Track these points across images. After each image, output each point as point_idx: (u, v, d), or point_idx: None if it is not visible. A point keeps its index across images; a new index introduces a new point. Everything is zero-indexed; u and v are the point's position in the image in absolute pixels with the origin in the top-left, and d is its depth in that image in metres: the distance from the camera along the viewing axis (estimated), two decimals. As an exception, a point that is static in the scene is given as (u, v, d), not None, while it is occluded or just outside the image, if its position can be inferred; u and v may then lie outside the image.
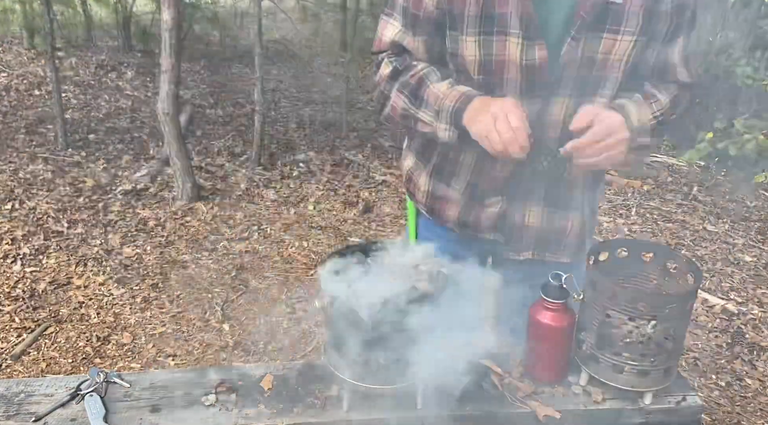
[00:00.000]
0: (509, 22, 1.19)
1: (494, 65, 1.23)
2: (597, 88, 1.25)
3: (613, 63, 1.22)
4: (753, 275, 3.78)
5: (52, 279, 3.53)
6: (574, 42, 1.18)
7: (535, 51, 1.19)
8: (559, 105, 1.25)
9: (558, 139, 1.28)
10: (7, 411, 1.27)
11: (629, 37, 1.19)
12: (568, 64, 1.21)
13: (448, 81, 1.29)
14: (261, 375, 1.37)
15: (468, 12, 1.20)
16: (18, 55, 7.77)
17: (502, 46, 1.21)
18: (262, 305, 3.46)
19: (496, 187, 1.38)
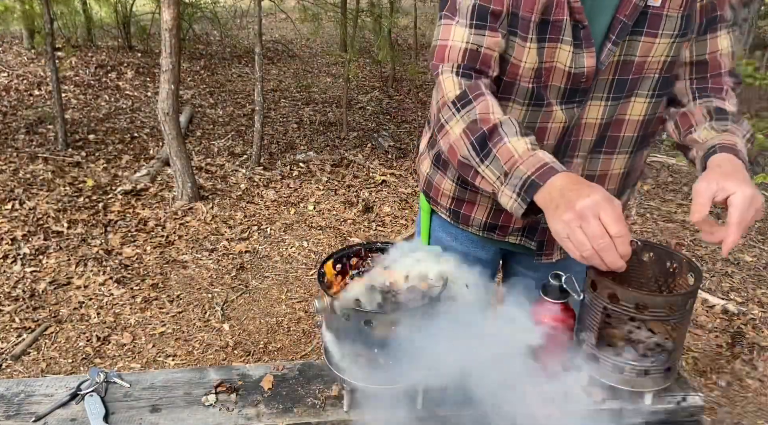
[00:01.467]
0: (563, 30, 1.18)
1: (544, 72, 1.22)
2: (634, 90, 1.25)
3: (651, 65, 1.22)
4: (753, 275, 3.78)
5: (52, 279, 3.53)
6: (614, 46, 1.18)
7: (583, 59, 1.19)
8: (596, 108, 1.25)
9: (594, 141, 1.28)
10: (7, 411, 1.27)
11: (667, 40, 1.19)
12: (608, 67, 1.21)
13: (529, 139, 1.09)
14: (261, 375, 1.37)
15: (534, 17, 1.16)
16: (18, 55, 7.77)
17: (552, 52, 1.19)
18: (261, 305, 3.46)
19: None
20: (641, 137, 1.32)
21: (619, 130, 1.29)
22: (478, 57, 1.18)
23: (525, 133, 1.10)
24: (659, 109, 1.30)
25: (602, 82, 1.22)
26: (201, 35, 10.00)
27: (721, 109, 1.23)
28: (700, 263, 3.86)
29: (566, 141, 1.28)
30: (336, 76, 8.69)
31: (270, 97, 7.48)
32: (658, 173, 5.28)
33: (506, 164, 1.07)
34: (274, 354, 3.07)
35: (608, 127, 1.29)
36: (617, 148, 1.32)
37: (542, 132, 1.27)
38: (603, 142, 1.30)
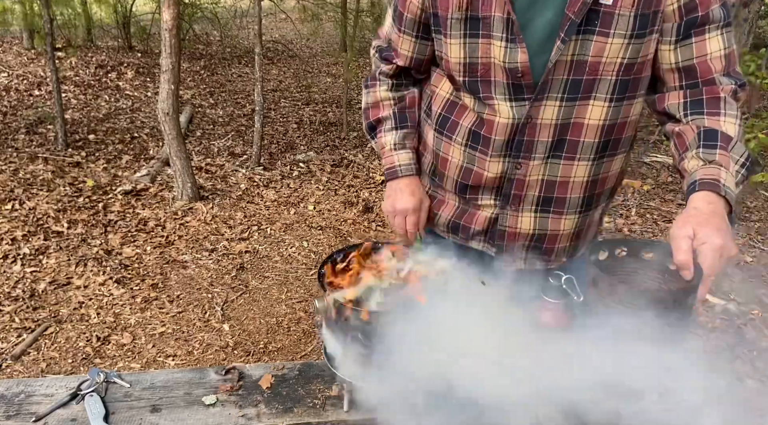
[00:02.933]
0: (492, 26, 1.20)
1: (480, 67, 1.24)
2: (591, 92, 1.22)
3: (606, 67, 1.19)
4: (753, 275, 3.78)
5: (52, 279, 3.53)
6: (563, 44, 1.16)
7: (517, 54, 1.19)
8: (550, 108, 1.23)
9: (550, 143, 1.27)
10: (7, 411, 1.27)
11: (620, 40, 1.17)
12: (557, 66, 1.19)
13: (395, 136, 1.45)
14: (261, 375, 1.37)
15: (452, 15, 1.23)
16: (18, 55, 7.77)
17: (486, 48, 1.22)
18: (261, 305, 3.46)
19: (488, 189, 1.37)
20: (604, 143, 1.28)
21: (579, 135, 1.26)
22: (389, 47, 1.45)
23: (399, 126, 1.46)
24: (622, 114, 1.26)
25: (557, 82, 1.21)
26: (201, 35, 10.00)
27: (712, 132, 1.15)
28: (700, 263, 3.87)
29: (518, 139, 1.27)
30: (336, 76, 8.69)
31: (270, 97, 7.48)
32: (658, 173, 5.28)
33: (381, 150, 1.49)
34: (274, 354, 3.07)
35: (566, 130, 1.26)
36: (578, 154, 1.28)
37: (489, 124, 1.28)
38: (562, 146, 1.27)
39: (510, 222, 1.37)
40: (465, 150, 1.34)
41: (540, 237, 1.38)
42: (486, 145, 1.30)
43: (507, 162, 1.30)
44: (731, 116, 1.18)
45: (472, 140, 1.32)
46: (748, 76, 4.44)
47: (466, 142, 1.33)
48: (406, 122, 1.46)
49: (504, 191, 1.34)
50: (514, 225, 1.37)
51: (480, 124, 1.30)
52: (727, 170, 1.10)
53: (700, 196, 1.06)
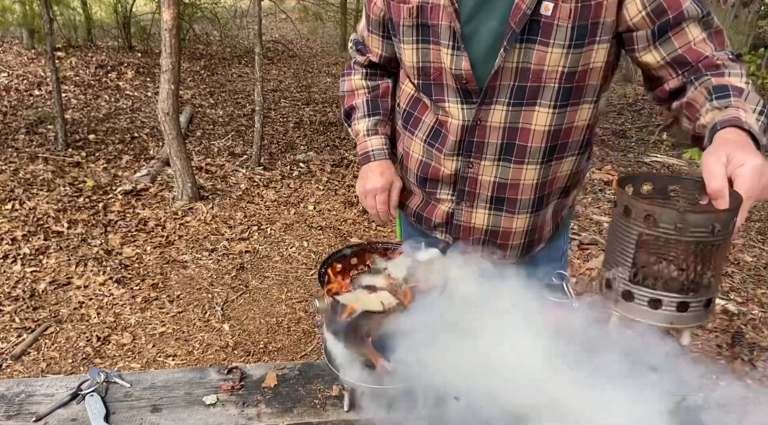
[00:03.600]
0: (440, 33, 1.27)
1: (432, 71, 1.33)
2: (535, 98, 1.27)
3: (549, 74, 1.24)
4: (753, 275, 3.78)
5: (52, 279, 3.53)
6: (505, 52, 1.22)
7: (462, 62, 1.26)
8: (499, 112, 1.30)
9: (499, 145, 1.33)
10: (7, 411, 1.27)
11: (560, 50, 1.21)
12: (502, 72, 1.25)
13: (367, 123, 1.53)
14: (261, 375, 1.37)
15: (403, 22, 1.31)
16: (18, 55, 7.77)
17: (437, 54, 1.30)
18: (261, 305, 3.46)
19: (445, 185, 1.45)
20: (551, 148, 1.33)
21: (526, 140, 1.31)
22: (363, 43, 1.54)
23: (371, 114, 1.53)
24: (567, 120, 1.30)
25: (504, 88, 1.26)
26: (201, 35, 10.00)
27: (721, 86, 1.12)
28: (700, 263, 3.87)
29: (469, 140, 1.34)
30: (336, 76, 8.69)
31: (270, 97, 7.48)
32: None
33: (356, 137, 1.56)
34: (274, 354, 3.07)
35: (514, 134, 1.31)
36: (526, 159, 1.33)
37: (443, 125, 1.37)
38: (512, 150, 1.33)
39: (465, 217, 1.44)
40: (424, 146, 1.43)
41: (494, 233, 1.45)
42: (443, 143, 1.39)
43: (460, 161, 1.38)
44: (736, 74, 1.15)
45: (432, 137, 1.41)
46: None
47: (425, 139, 1.42)
48: (378, 110, 1.54)
49: (458, 187, 1.42)
50: (469, 220, 1.44)
51: (440, 124, 1.39)
52: (746, 112, 1.04)
53: (727, 130, 1.00)
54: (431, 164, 1.43)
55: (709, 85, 1.14)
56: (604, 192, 4.98)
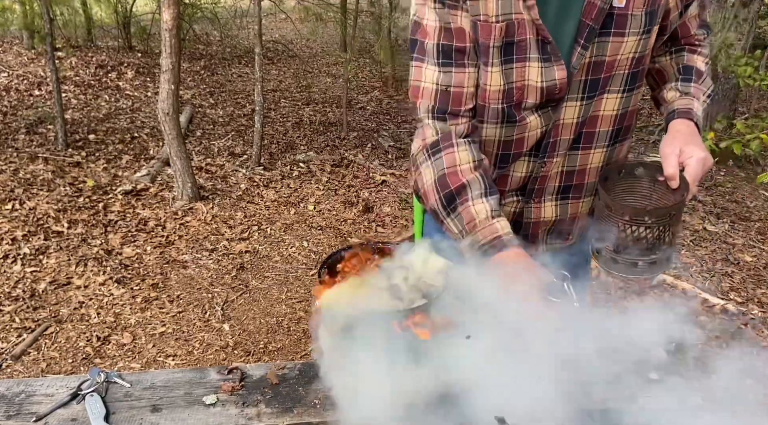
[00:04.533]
0: (529, 48, 1.22)
1: (516, 91, 1.26)
2: (606, 87, 1.28)
3: (621, 63, 1.25)
4: (753, 275, 3.78)
5: (52, 279, 3.53)
6: (583, 50, 1.21)
7: (554, 72, 1.22)
8: (571, 109, 1.29)
9: (572, 141, 1.33)
10: (7, 411, 1.27)
11: (634, 38, 1.22)
12: (579, 70, 1.24)
13: (492, 203, 1.21)
14: (261, 375, 1.37)
15: (493, 43, 1.21)
16: (18, 55, 7.77)
17: (521, 72, 1.24)
18: (261, 305, 3.46)
19: (513, 188, 1.42)
20: (617, 131, 1.36)
21: (595, 126, 1.33)
22: (448, 97, 1.26)
23: (490, 192, 1.23)
24: (632, 103, 1.34)
25: (576, 84, 1.26)
26: (201, 35, 10.00)
27: (688, 67, 1.37)
28: (700, 263, 3.86)
29: (545, 143, 1.32)
30: (336, 76, 8.69)
31: (270, 97, 7.49)
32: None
33: (468, 225, 1.21)
34: (274, 354, 3.07)
35: (584, 125, 1.32)
36: (594, 144, 1.35)
37: (520, 142, 1.32)
38: (580, 138, 1.34)
39: (534, 213, 1.43)
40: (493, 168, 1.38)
41: (560, 221, 1.45)
42: (515, 158, 1.35)
43: (533, 164, 1.36)
44: (703, 55, 1.38)
45: (500, 162, 1.36)
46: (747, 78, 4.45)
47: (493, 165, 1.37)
48: (494, 188, 1.25)
49: (528, 187, 1.40)
50: (538, 215, 1.43)
51: (507, 147, 1.34)
52: (698, 100, 1.33)
53: (680, 122, 1.29)
54: (497, 178, 1.38)
55: (681, 61, 1.39)
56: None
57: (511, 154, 1.35)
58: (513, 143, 1.33)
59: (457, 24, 1.23)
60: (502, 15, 1.19)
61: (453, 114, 1.27)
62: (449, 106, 1.27)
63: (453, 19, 1.23)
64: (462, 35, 1.23)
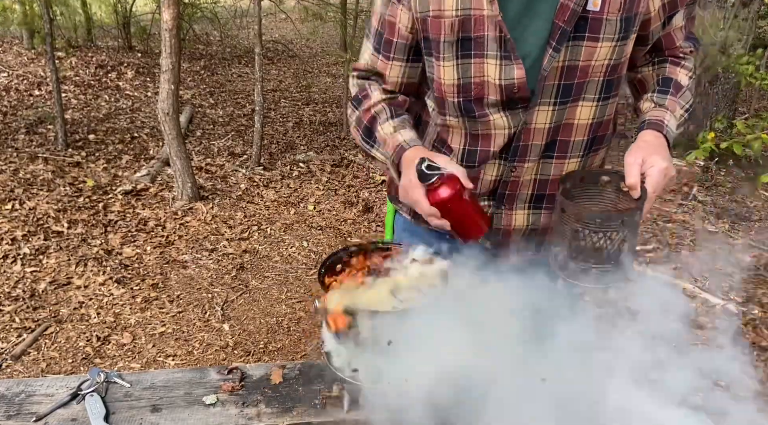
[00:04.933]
0: (486, 45, 1.21)
1: (474, 86, 1.26)
2: (581, 94, 1.27)
3: (595, 69, 1.24)
4: (753, 275, 3.78)
5: (52, 279, 3.53)
6: (555, 52, 1.19)
7: (513, 70, 1.22)
8: (544, 113, 1.27)
9: (544, 145, 1.31)
10: (7, 411, 1.27)
11: (609, 43, 1.21)
12: (549, 73, 1.22)
13: (393, 123, 1.33)
14: (261, 375, 1.37)
15: (444, 38, 1.23)
16: (18, 55, 7.77)
17: (479, 67, 1.23)
18: (261, 305, 3.46)
19: (484, 193, 1.40)
20: (591, 140, 1.35)
21: (569, 135, 1.31)
22: (374, 69, 1.39)
23: (396, 114, 1.34)
24: (607, 112, 1.32)
25: (549, 88, 1.24)
26: (201, 35, 10.00)
27: (668, 79, 1.34)
28: (701, 263, 3.86)
29: (514, 146, 1.30)
30: (336, 76, 8.69)
31: (270, 97, 7.49)
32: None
33: (383, 147, 1.34)
34: (274, 354, 3.07)
35: (557, 132, 1.30)
36: (569, 153, 1.33)
37: (486, 139, 1.32)
38: (554, 146, 1.32)
39: (505, 221, 1.41)
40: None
41: (533, 231, 1.43)
42: (483, 158, 1.34)
43: (503, 165, 1.34)
44: (687, 68, 1.35)
45: (467, 159, 1.35)
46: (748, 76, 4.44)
47: (460, 162, 1.35)
48: (402, 112, 1.36)
49: (499, 192, 1.38)
50: (509, 223, 1.41)
51: (474, 142, 1.33)
52: (672, 113, 1.30)
53: (648, 132, 1.27)
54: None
55: (662, 72, 1.36)
56: (604, 192, 4.98)
57: (478, 151, 1.33)
58: (479, 139, 1.32)
59: (393, 18, 1.28)
60: (460, 9, 1.19)
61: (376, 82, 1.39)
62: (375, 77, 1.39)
63: (392, 10, 1.28)
64: (392, 29, 1.30)
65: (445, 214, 1.19)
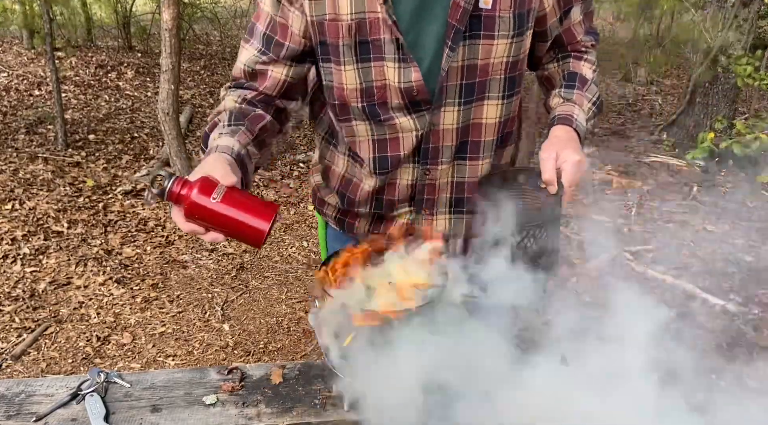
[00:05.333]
0: (384, 48, 1.20)
1: (376, 91, 1.25)
2: (484, 92, 1.28)
3: (495, 67, 1.25)
4: (753, 275, 3.78)
5: (52, 279, 3.53)
6: (451, 52, 1.20)
7: (411, 73, 1.21)
8: (450, 114, 1.27)
9: (454, 147, 1.31)
10: (7, 411, 1.27)
11: (505, 40, 1.22)
12: (449, 73, 1.23)
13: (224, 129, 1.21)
14: (261, 375, 1.37)
15: (342, 42, 1.21)
16: (18, 55, 7.76)
17: (380, 71, 1.23)
18: (261, 305, 3.46)
19: (402, 199, 1.40)
20: (501, 138, 1.36)
21: (479, 135, 1.32)
22: (254, 78, 1.30)
23: (234, 123, 1.22)
24: (512, 109, 1.34)
25: (452, 88, 1.24)
26: (201, 35, 10.00)
27: (573, 74, 1.38)
28: (701, 263, 3.86)
29: (424, 148, 1.30)
30: (336, 76, 8.68)
31: (270, 97, 7.48)
32: (657, 173, 5.28)
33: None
34: (274, 354, 3.07)
35: (467, 132, 1.31)
36: (481, 153, 1.34)
37: (395, 143, 1.31)
38: (466, 147, 1.33)
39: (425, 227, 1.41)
40: (375, 176, 1.36)
41: (456, 236, 1.44)
42: (394, 163, 1.33)
43: (417, 169, 1.34)
44: (590, 62, 1.39)
45: (380, 166, 1.34)
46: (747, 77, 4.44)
47: (374, 170, 1.35)
48: (242, 122, 1.23)
49: (417, 197, 1.38)
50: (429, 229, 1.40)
51: (383, 148, 1.32)
52: (580, 107, 1.33)
53: (559, 128, 1.30)
54: (385, 186, 1.38)
55: (567, 68, 1.39)
56: (604, 192, 4.98)
57: (388, 157, 1.32)
58: (387, 143, 1.31)
59: (285, 20, 1.24)
60: (355, 13, 1.18)
61: (249, 88, 1.30)
62: (249, 81, 1.31)
63: (284, 13, 1.24)
64: (285, 32, 1.25)
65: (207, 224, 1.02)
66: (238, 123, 1.23)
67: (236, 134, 1.19)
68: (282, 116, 1.34)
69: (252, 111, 1.27)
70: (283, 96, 1.31)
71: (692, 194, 4.84)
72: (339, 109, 1.31)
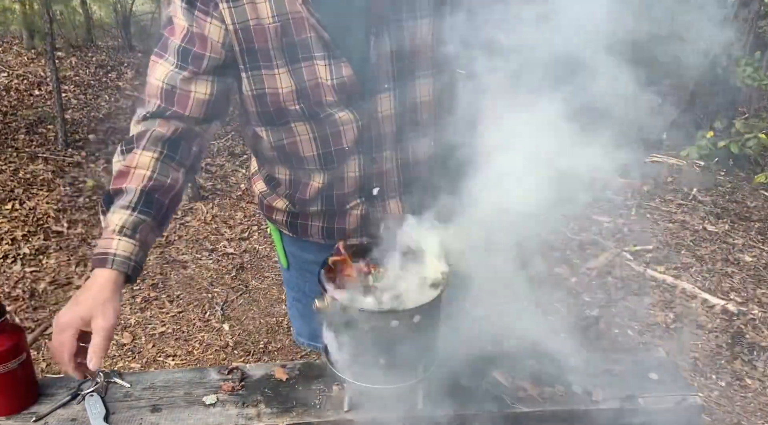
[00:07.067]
0: (312, 47, 1.20)
1: (310, 91, 1.24)
2: (414, 72, 1.28)
3: (422, 46, 1.26)
4: (753, 275, 3.78)
5: (52, 279, 3.53)
6: (378, 38, 1.21)
7: (341, 69, 1.22)
8: (386, 100, 1.28)
9: (397, 131, 1.32)
10: (7, 411, 1.27)
11: (427, 19, 1.23)
12: (380, 59, 1.23)
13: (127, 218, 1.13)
14: (261, 375, 1.37)
15: (272, 45, 1.19)
16: (18, 55, 7.76)
17: (311, 70, 1.22)
18: (261, 305, 3.46)
19: (353, 191, 1.40)
20: (438, 115, 1.35)
21: (416, 114, 1.33)
22: (173, 98, 1.22)
23: (141, 210, 1.14)
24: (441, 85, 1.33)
25: (384, 74, 1.25)
26: (201, 35, 10.00)
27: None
28: (701, 263, 3.86)
29: (367, 137, 1.31)
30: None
31: (270, 97, 7.48)
32: (658, 173, 5.28)
33: (104, 228, 1.14)
34: (274, 354, 3.07)
35: (404, 115, 1.31)
36: (420, 131, 1.35)
37: (337, 138, 1.30)
38: (405, 129, 1.33)
39: (380, 214, 1.41)
40: (323, 171, 1.36)
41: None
42: (340, 157, 1.33)
43: (363, 160, 1.34)
44: None
45: (326, 162, 1.34)
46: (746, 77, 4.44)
47: (321, 166, 1.35)
48: (151, 209, 1.16)
49: (366, 187, 1.39)
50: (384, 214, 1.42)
51: (326, 144, 1.31)
52: None
53: None
54: (333, 182, 1.38)
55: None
56: (604, 192, 4.98)
57: (333, 152, 1.32)
58: (330, 139, 1.31)
59: (202, 31, 1.20)
60: (278, 15, 1.18)
61: (170, 116, 1.24)
62: (171, 108, 1.23)
63: (199, 24, 1.20)
64: (204, 43, 1.20)
65: None
66: (146, 209, 1.15)
67: (138, 231, 1.12)
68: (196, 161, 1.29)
69: (164, 182, 1.19)
70: (205, 119, 1.26)
71: (692, 194, 4.84)
72: (275, 114, 1.28)
